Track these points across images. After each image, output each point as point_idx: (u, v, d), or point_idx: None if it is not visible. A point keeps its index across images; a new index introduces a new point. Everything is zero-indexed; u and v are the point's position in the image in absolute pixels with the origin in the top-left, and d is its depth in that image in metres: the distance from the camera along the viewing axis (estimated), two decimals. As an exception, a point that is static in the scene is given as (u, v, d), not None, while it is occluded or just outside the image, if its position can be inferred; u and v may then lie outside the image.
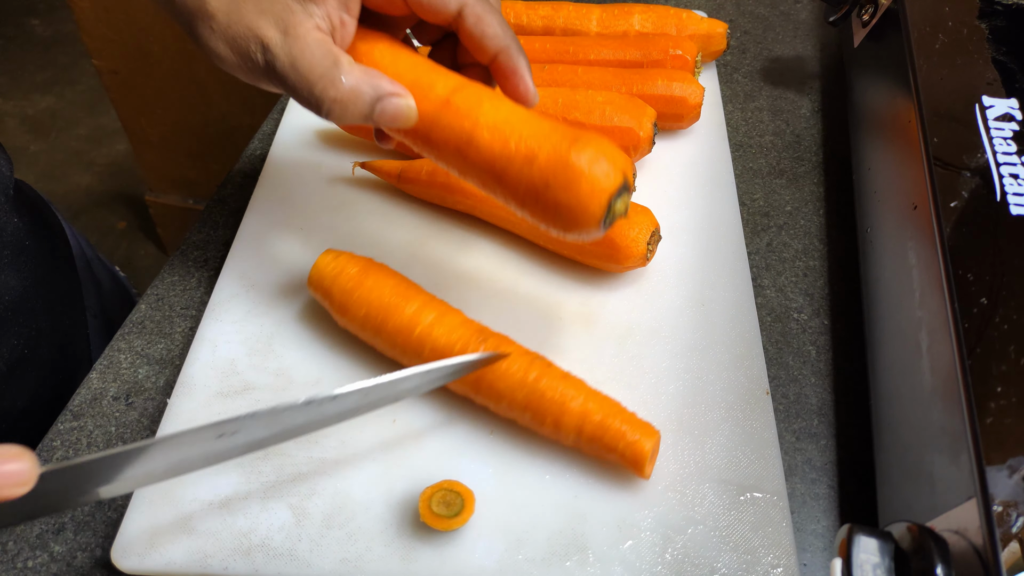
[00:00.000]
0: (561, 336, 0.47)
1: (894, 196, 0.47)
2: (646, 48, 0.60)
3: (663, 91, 0.57)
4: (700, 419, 0.44)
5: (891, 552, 0.31)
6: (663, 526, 0.39)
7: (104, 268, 0.68)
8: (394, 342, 0.44)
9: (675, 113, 0.58)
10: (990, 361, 0.34)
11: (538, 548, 0.39)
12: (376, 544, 0.39)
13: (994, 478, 0.30)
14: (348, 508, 0.40)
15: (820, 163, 0.61)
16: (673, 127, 0.60)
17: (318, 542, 0.39)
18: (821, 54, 0.71)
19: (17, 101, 2.15)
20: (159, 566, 0.38)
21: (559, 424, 0.40)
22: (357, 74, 0.37)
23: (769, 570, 0.38)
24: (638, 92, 0.57)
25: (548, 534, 0.39)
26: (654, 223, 0.48)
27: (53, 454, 0.44)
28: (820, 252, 0.55)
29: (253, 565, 0.38)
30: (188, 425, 0.43)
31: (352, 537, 0.39)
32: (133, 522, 0.40)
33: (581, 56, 0.61)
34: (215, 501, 0.40)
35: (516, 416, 0.42)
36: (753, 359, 0.46)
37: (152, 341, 0.50)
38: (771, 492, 0.41)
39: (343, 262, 0.46)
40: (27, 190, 0.59)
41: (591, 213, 0.35)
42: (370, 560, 0.39)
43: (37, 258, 0.54)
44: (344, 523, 0.40)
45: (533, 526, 0.39)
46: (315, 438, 0.43)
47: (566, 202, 0.35)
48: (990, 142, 0.43)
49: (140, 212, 1.86)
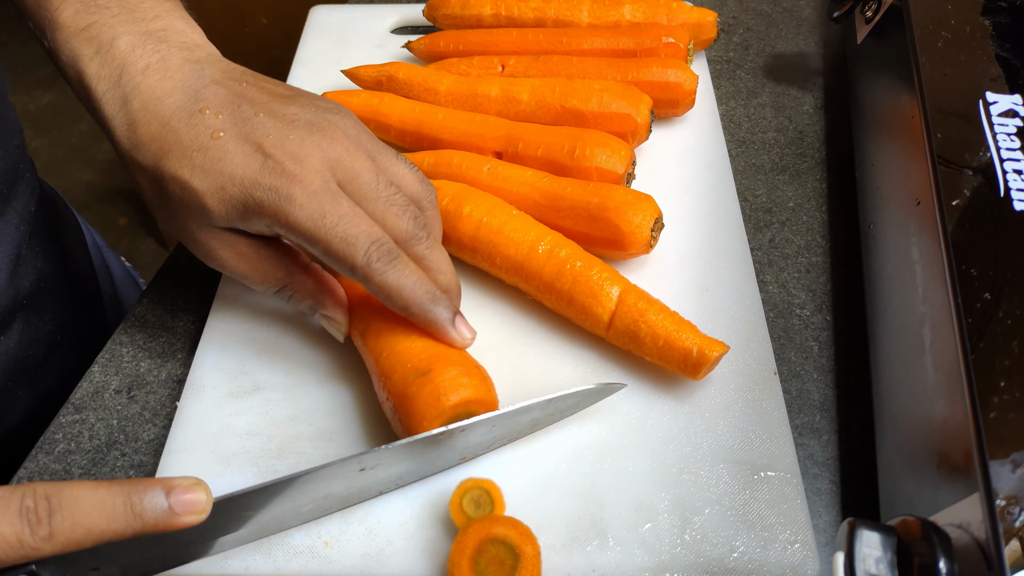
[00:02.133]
0: (569, 326, 0.48)
1: (897, 192, 0.47)
2: (639, 37, 0.60)
3: (658, 77, 0.57)
4: (711, 402, 0.44)
5: (893, 546, 0.31)
6: (680, 508, 0.40)
7: (114, 257, 0.69)
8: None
9: (670, 99, 0.58)
10: (993, 356, 0.34)
11: (558, 535, 0.39)
12: (396, 538, 0.39)
13: (997, 472, 0.30)
14: (367, 504, 0.40)
15: (823, 160, 0.61)
16: (668, 114, 0.60)
17: (338, 538, 0.39)
18: (824, 51, 0.71)
19: (19, 97, 2.15)
20: (179, 567, 0.38)
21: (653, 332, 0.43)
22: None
23: (787, 546, 0.38)
24: (633, 80, 0.58)
25: (567, 521, 0.39)
26: (657, 210, 0.48)
27: (55, 447, 0.44)
28: (822, 248, 0.55)
29: (274, 564, 0.38)
30: (199, 428, 0.43)
31: (372, 532, 0.39)
32: None
33: (574, 46, 0.61)
34: None
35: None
36: (759, 341, 0.47)
37: (154, 335, 0.50)
38: (784, 470, 0.41)
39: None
40: (45, 186, 0.59)
41: None
42: (391, 554, 0.39)
43: (60, 246, 0.55)
44: (363, 518, 0.40)
45: (551, 514, 0.40)
46: (329, 435, 0.43)
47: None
48: (994, 138, 0.43)
49: (141, 208, 1.86)
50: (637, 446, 0.42)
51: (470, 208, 0.48)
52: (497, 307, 0.49)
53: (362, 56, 0.68)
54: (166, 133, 0.39)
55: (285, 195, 0.38)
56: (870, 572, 0.30)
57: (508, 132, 0.54)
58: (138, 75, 0.40)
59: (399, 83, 0.60)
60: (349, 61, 0.66)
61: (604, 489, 0.41)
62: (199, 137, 0.39)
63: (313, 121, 0.40)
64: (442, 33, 0.65)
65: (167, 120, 0.39)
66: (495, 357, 0.46)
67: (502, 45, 0.63)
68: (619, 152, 0.52)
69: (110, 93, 0.40)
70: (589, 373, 0.45)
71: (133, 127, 0.40)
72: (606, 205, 0.48)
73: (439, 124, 0.56)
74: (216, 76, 0.41)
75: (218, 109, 0.39)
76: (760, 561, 0.38)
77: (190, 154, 0.38)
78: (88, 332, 0.57)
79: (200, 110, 0.39)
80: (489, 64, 0.61)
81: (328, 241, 0.38)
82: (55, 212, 0.57)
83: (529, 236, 0.47)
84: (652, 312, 0.44)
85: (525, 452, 0.42)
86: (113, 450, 0.44)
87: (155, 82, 0.40)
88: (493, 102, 0.57)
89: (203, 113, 0.39)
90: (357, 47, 0.69)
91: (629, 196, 0.48)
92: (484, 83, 0.58)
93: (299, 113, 0.40)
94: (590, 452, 0.42)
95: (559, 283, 0.45)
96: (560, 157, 0.52)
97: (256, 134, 0.39)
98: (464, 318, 0.42)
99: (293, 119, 0.40)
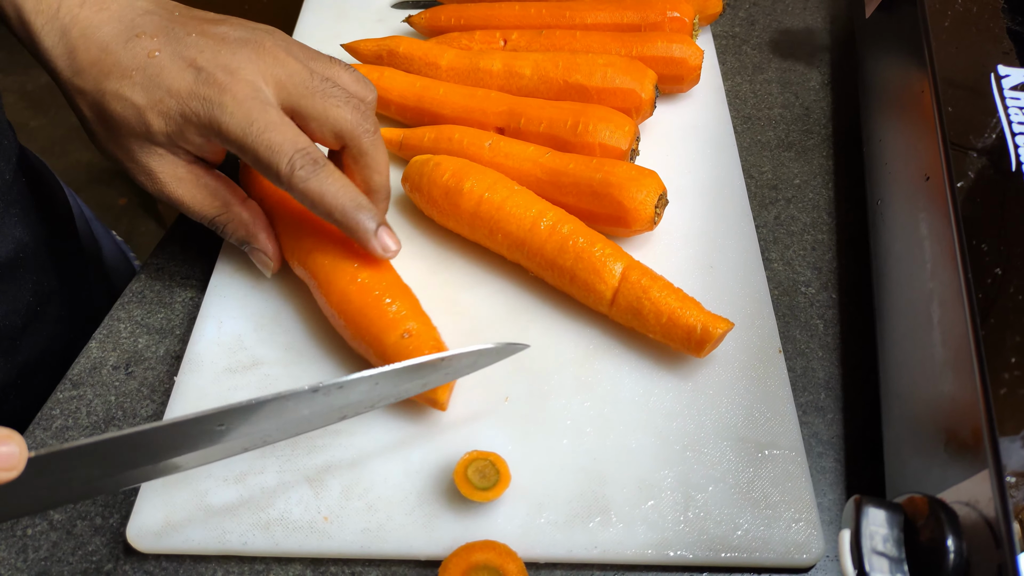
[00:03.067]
0: (570, 303, 0.47)
1: (906, 168, 0.47)
2: (643, 11, 0.59)
3: (663, 52, 0.57)
4: (715, 379, 0.44)
5: (900, 524, 0.31)
6: (684, 485, 0.39)
7: (105, 234, 0.68)
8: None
9: (675, 74, 0.57)
10: (1004, 331, 0.33)
11: (560, 511, 0.39)
12: (397, 513, 0.39)
13: (1007, 449, 0.30)
14: (366, 479, 0.40)
15: (829, 136, 0.60)
16: (673, 90, 0.59)
17: (338, 514, 0.39)
18: (831, 26, 0.70)
19: (16, 76, 2.13)
20: (177, 544, 0.38)
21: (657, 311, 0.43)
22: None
23: (791, 524, 0.38)
24: (638, 54, 0.57)
25: (569, 497, 0.39)
26: (661, 186, 0.48)
27: (52, 423, 0.44)
28: (828, 225, 0.54)
29: (273, 539, 0.38)
30: (198, 403, 0.43)
31: (372, 508, 0.39)
32: (147, 502, 0.39)
33: (578, 20, 0.60)
34: (229, 477, 0.40)
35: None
36: (764, 319, 0.46)
37: (152, 311, 0.49)
38: (788, 448, 0.41)
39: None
40: (31, 156, 0.59)
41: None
42: (391, 529, 0.38)
43: (44, 217, 0.55)
44: (363, 494, 0.39)
45: (553, 490, 0.39)
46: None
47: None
48: (1005, 112, 0.42)
49: (140, 188, 1.85)
50: (640, 423, 0.42)
51: (471, 184, 0.48)
52: (498, 284, 0.48)
53: (362, 31, 0.67)
54: (105, 56, 0.41)
55: (217, 103, 0.40)
56: (877, 549, 0.30)
57: (510, 107, 0.53)
58: (75, 7, 0.42)
59: (400, 57, 0.59)
60: (349, 36, 0.65)
61: (607, 466, 0.40)
62: (137, 57, 0.41)
63: (244, 37, 0.42)
64: (443, 7, 0.64)
65: (106, 45, 0.42)
66: (496, 333, 0.46)
67: (504, 19, 0.62)
68: (623, 127, 0.51)
69: (48, 26, 0.42)
70: (592, 350, 0.45)
71: (73, 54, 0.42)
72: (609, 181, 0.47)
73: (440, 99, 0.55)
74: (148, 7, 0.43)
75: (153, 33, 0.42)
76: (764, 539, 0.38)
77: (129, 73, 0.41)
78: (72, 303, 0.57)
79: (136, 35, 0.42)
80: (491, 38, 0.60)
81: (255, 148, 0.40)
82: (38, 182, 0.57)
83: (531, 212, 0.46)
84: (655, 289, 0.43)
85: (526, 428, 0.42)
86: (111, 426, 0.44)
87: (92, 13, 0.42)
88: (495, 77, 0.56)
89: (139, 37, 0.42)
90: (357, 22, 0.68)
91: (633, 172, 0.47)
92: (486, 58, 0.57)
93: (230, 31, 0.43)
94: (592, 429, 0.42)
95: (561, 259, 0.45)
96: (563, 133, 0.51)
97: (190, 51, 0.41)
98: (390, 229, 0.43)
99: (224, 36, 0.42)
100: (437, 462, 0.40)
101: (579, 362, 0.44)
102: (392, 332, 0.41)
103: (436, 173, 0.49)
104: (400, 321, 0.41)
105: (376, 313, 0.42)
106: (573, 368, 0.44)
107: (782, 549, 0.37)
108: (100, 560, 0.39)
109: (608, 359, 0.44)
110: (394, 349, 0.41)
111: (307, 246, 0.45)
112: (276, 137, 0.40)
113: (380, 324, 0.41)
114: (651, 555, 0.37)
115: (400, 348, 0.40)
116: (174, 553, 0.39)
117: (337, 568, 0.39)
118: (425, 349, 0.40)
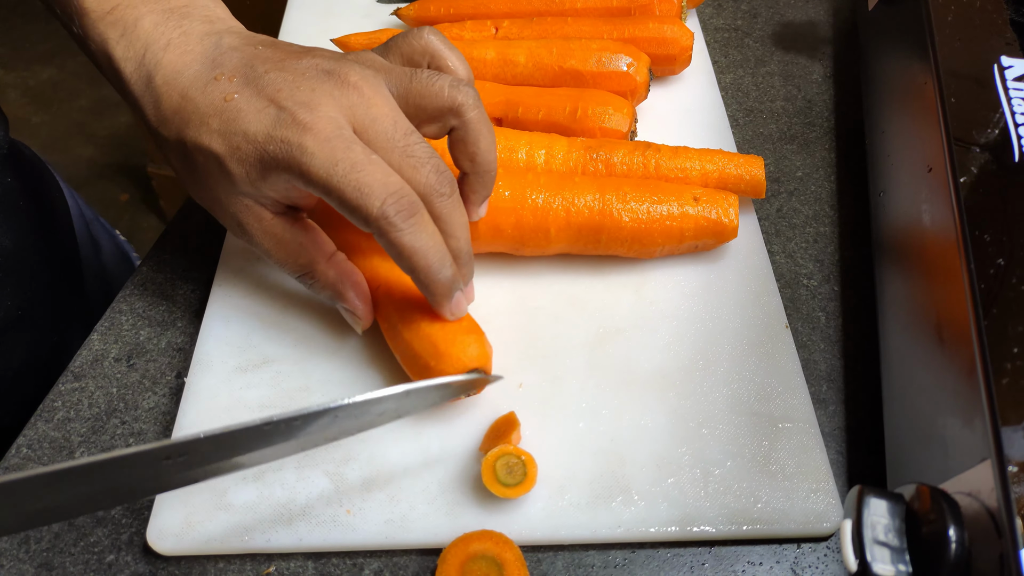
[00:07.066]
0: (577, 287, 0.47)
1: (908, 159, 0.47)
2: None
3: (655, 33, 0.57)
4: (725, 356, 0.44)
5: (902, 514, 0.31)
6: (702, 461, 0.40)
7: (104, 231, 0.68)
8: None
9: (667, 55, 0.58)
10: (1007, 322, 0.33)
11: (582, 492, 0.39)
12: (419, 502, 0.39)
13: (1010, 439, 0.30)
14: (386, 470, 0.40)
15: (831, 129, 0.60)
16: (665, 72, 0.60)
17: (360, 506, 0.39)
18: (834, 19, 0.70)
19: (19, 72, 2.14)
20: (198, 545, 0.38)
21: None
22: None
23: (809, 494, 0.39)
24: (629, 37, 0.57)
25: (590, 478, 0.39)
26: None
27: (54, 415, 0.44)
28: (831, 218, 0.54)
29: (297, 535, 0.38)
30: (210, 403, 0.43)
31: (394, 499, 0.39)
32: (166, 503, 0.39)
33: (568, 6, 0.60)
34: (247, 475, 0.40)
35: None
36: (769, 295, 0.47)
37: (154, 303, 0.49)
38: (802, 421, 0.41)
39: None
40: (25, 151, 0.58)
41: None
42: (415, 519, 0.38)
43: (33, 218, 0.54)
44: (384, 485, 0.39)
45: (573, 472, 0.40)
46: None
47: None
48: (1008, 103, 0.42)
49: (142, 184, 1.85)
50: (654, 403, 0.42)
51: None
52: (504, 271, 0.48)
53: (349, 26, 0.66)
54: (185, 104, 0.39)
55: (297, 145, 0.36)
56: (878, 539, 0.30)
57: (507, 97, 0.53)
58: (160, 52, 0.40)
59: (395, 50, 0.59)
60: (336, 32, 0.65)
61: (624, 446, 0.41)
62: (214, 102, 0.38)
63: (328, 69, 0.39)
64: (431, -2, 0.63)
65: (185, 91, 0.39)
66: (503, 321, 0.46)
67: (494, 8, 0.61)
68: (622, 110, 0.51)
69: (136, 73, 0.40)
70: (602, 335, 0.45)
71: (158, 104, 0.40)
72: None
73: (438, 92, 0.55)
74: (233, 43, 0.40)
75: (232, 73, 0.39)
76: (784, 510, 0.38)
77: (207, 120, 0.38)
78: (60, 308, 0.56)
79: (215, 77, 0.39)
80: (482, 28, 0.60)
81: (342, 190, 0.36)
82: (31, 184, 0.56)
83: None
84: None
85: (543, 412, 0.42)
86: (113, 418, 0.44)
87: (176, 57, 0.40)
88: (489, 66, 0.56)
89: (218, 80, 0.39)
90: (344, 18, 0.67)
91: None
92: (479, 47, 0.57)
93: (312, 64, 0.39)
94: (607, 411, 0.42)
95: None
96: (562, 119, 0.51)
97: (268, 89, 0.38)
98: (464, 295, 0.41)
99: (305, 71, 0.39)
100: (455, 451, 0.40)
101: (591, 345, 0.45)
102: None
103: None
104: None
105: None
106: (584, 352, 0.44)
107: (802, 519, 0.38)
108: (102, 551, 0.39)
109: (619, 342, 0.45)
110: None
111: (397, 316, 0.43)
112: (365, 178, 0.36)
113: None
114: (675, 532, 0.38)
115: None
116: (196, 555, 0.38)
117: (339, 559, 0.39)
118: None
